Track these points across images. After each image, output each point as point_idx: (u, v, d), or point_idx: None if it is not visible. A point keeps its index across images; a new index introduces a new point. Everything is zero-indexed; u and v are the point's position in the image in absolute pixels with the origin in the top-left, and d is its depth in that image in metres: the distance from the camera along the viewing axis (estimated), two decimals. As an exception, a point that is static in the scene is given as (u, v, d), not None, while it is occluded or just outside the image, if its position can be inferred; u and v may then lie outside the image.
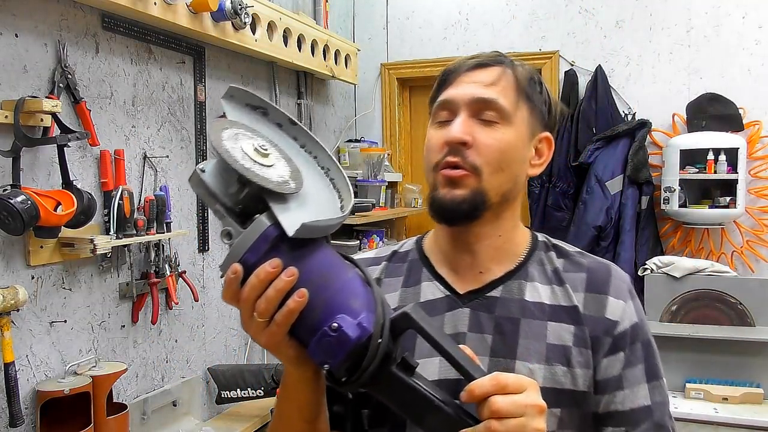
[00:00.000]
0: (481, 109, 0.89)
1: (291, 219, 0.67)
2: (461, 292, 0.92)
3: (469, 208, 0.87)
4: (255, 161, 0.69)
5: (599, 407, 0.88)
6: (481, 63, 0.92)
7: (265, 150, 0.71)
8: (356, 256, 0.96)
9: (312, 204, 0.73)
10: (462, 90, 0.90)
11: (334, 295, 0.69)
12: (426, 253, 0.98)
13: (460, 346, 0.73)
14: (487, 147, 0.87)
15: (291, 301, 0.67)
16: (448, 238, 0.95)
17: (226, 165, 0.67)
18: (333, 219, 0.71)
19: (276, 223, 0.67)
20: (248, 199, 0.69)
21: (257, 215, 0.68)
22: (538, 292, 0.91)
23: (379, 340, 0.67)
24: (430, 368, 0.85)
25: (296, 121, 0.80)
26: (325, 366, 0.68)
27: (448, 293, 0.92)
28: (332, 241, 0.76)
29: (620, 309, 0.90)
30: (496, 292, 0.91)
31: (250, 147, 0.70)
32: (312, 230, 0.68)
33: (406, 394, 0.71)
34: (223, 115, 0.76)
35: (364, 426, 0.91)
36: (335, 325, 0.66)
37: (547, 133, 0.96)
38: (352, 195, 0.78)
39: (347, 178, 0.80)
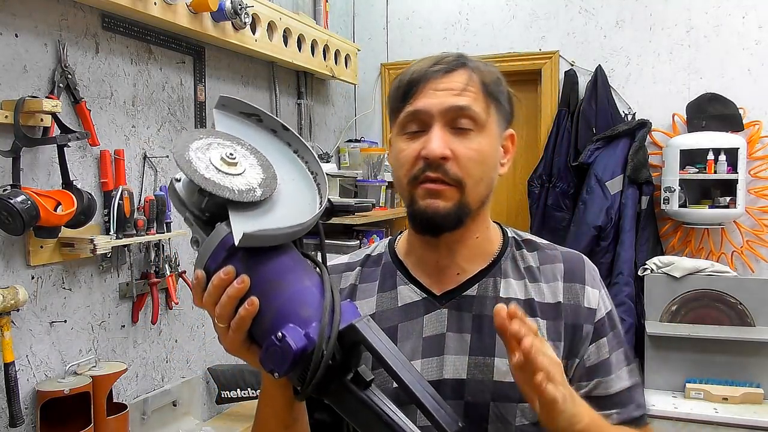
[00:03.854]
0: (456, 118, 0.86)
1: (241, 228, 0.67)
2: (438, 294, 0.92)
3: (454, 221, 0.87)
4: (219, 170, 0.71)
5: (583, 394, 0.88)
6: (448, 69, 0.88)
7: (233, 159, 0.72)
8: (332, 262, 0.96)
9: (285, 209, 0.73)
10: (433, 100, 0.86)
11: (285, 303, 0.69)
12: (400, 257, 0.98)
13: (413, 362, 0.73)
14: (468, 159, 0.86)
15: (242, 308, 0.68)
16: (425, 243, 0.94)
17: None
18: (284, 228, 0.70)
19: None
20: (213, 207, 0.72)
21: (219, 223, 0.70)
22: (512, 287, 0.92)
23: (324, 351, 0.66)
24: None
25: (288, 127, 0.81)
26: (275, 374, 0.68)
27: (425, 295, 0.92)
28: (332, 241, 0.76)
29: (596, 297, 0.93)
30: (472, 291, 0.92)
31: (217, 156, 0.72)
32: (258, 239, 0.68)
33: (357, 406, 0.70)
34: (213, 125, 0.78)
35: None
36: (280, 334, 0.67)
37: (511, 130, 0.95)
38: (326, 200, 0.78)
39: (327, 185, 0.80)
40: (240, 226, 0.67)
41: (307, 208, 0.76)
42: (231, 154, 0.72)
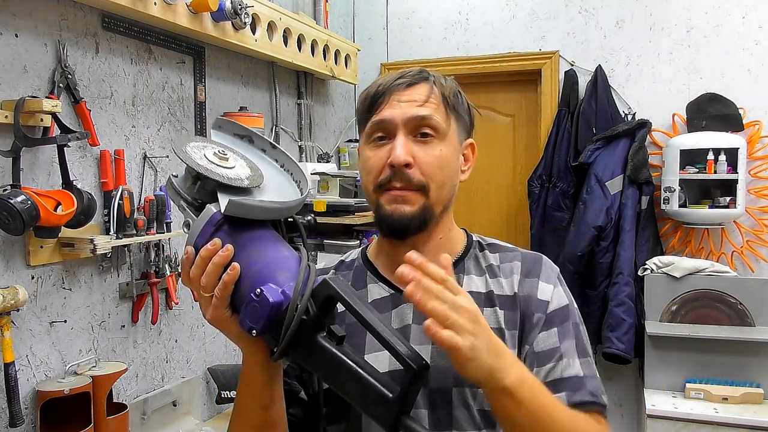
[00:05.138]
0: (418, 127, 0.94)
1: (227, 199, 0.76)
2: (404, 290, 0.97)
3: (419, 223, 0.94)
4: (212, 162, 0.81)
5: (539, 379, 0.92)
6: (411, 82, 0.96)
7: (224, 155, 0.82)
8: None
9: (269, 197, 0.83)
10: (397, 110, 0.94)
11: (264, 267, 0.76)
12: (370, 259, 1.05)
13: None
14: (429, 165, 0.93)
15: (225, 274, 0.76)
16: (391, 245, 1.00)
17: (186, 166, 0.80)
18: (267, 203, 0.80)
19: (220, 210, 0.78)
20: (204, 195, 0.81)
21: (208, 204, 0.80)
22: (474, 282, 0.99)
23: (297, 304, 0.72)
24: (381, 361, 0.89)
25: (276, 144, 0.92)
26: (252, 331, 0.74)
27: (392, 291, 0.99)
28: (332, 241, 0.80)
29: (549, 291, 0.98)
30: None
31: (211, 153, 0.82)
32: (243, 208, 0.77)
33: (329, 362, 0.75)
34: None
35: (322, 426, 0.96)
36: (258, 291, 0.73)
37: (471, 140, 1.03)
38: (307, 194, 0.90)
39: (309, 190, 0.91)
40: (226, 199, 0.76)
41: (290, 197, 0.87)
42: (223, 152, 0.83)
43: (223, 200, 0.76)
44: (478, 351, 0.74)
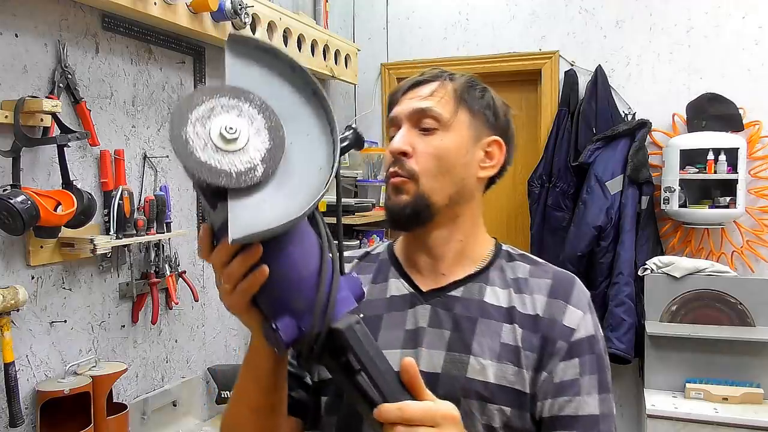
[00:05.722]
0: (420, 119, 0.95)
1: (236, 228, 0.63)
2: (424, 290, 0.97)
3: (412, 212, 0.93)
4: (219, 148, 0.64)
5: (547, 411, 0.90)
6: (420, 81, 0.99)
7: (233, 133, 0.65)
8: None
9: (292, 182, 0.68)
10: (404, 106, 0.98)
11: (287, 282, 0.71)
12: (396, 254, 1.04)
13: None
14: (425, 154, 0.94)
15: (252, 275, 0.68)
16: (410, 241, 1.01)
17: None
18: (282, 225, 0.65)
19: None
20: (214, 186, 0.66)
21: (221, 203, 0.66)
22: (497, 295, 0.95)
23: (314, 347, 0.71)
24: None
25: (303, 67, 0.74)
26: (275, 350, 0.72)
27: (412, 290, 0.98)
28: (333, 241, 0.76)
29: (578, 318, 0.93)
30: (456, 292, 0.96)
31: (217, 130, 0.65)
32: (253, 238, 0.65)
33: (342, 384, 0.74)
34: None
35: (321, 414, 0.96)
36: (275, 326, 0.70)
37: (496, 137, 1.00)
38: (338, 161, 0.71)
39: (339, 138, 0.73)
40: (235, 224, 0.63)
41: (316, 176, 0.69)
42: (231, 128, 0.65)
43: (233, 227, 0.63)
44: None
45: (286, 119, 0.70)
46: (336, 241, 0.77)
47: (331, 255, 0.74)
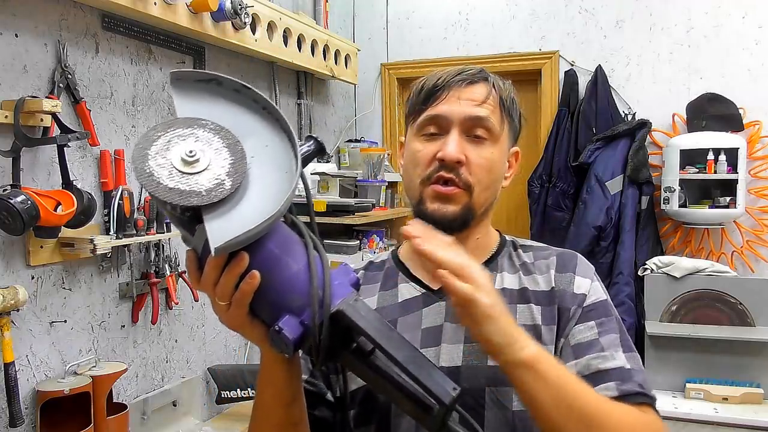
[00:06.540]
0: (473, 127, 0.93)
1: (215, 238, 0.65)
2: (435, 288, 0.97)
3: (460, 224, 0.93)
4: (183, 172, 0.68)
5: (577, 372, 0.88)
6: (471, 80, 0.95)
7: (193, 156, 0.69)
8: None
9: (261, 189, 0.71)
10: (455, 107, 0.92)
11: (281, 281, 0.71)
12: (402, 260, 1.03)
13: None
14: (478, 166, 0.92)
15: (243, 283, 0.69)
16: None
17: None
18: (259, 225, 0.67)
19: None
20: (188, 209, 0.69)
21: (199, 226, 0.69)
22: (507, 279, 0.97)
23: (320, 339, 0.71)
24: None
25: (248, 85, 0.77)
26: (285, 354, 0.71)
27: (423, 290, 0.98)
28: (332, 241, 0.76)
29: (587, 285, 0.96)
30: None
31: (178, 157, 0.69)
32: (234, 245, 0.67)
33: (366, 372, 0.74)
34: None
35: (350, 426, 0.94)
36: (278, 327, 0.69)
37: (517, 148, 1.02)
38: (300, 163, 0.74)
39: (298, 140, 0.76)
40: (215, 235, 0.65)
41: (284, 179, 0.72)
42: (191, 152, 0.69)
43: (213, 238, 0.65)
44: (498, 310, 0.73)
45: (244, 136, 0.72)
46: (318, 238, 0.78)
47: (317, 252, 0.75)
